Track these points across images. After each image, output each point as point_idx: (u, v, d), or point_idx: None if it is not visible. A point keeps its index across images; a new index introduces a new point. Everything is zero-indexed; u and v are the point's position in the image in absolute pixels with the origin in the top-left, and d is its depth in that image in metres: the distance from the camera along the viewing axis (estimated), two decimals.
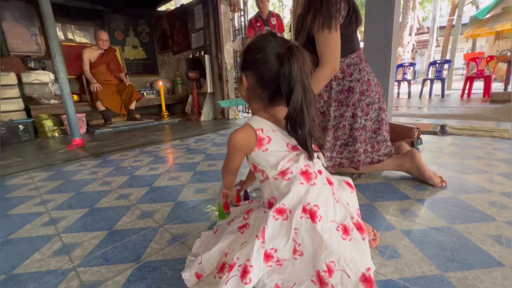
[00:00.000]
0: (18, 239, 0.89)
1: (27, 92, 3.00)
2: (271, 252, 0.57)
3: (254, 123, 0.65)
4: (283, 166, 0.63)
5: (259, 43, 0.63)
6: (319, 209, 0.59)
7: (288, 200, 0.60)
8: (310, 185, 0.61)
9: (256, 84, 0.64)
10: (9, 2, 3.34)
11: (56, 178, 1.50)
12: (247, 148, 0.65)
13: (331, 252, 0.54)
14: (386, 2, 1.91)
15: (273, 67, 0.60)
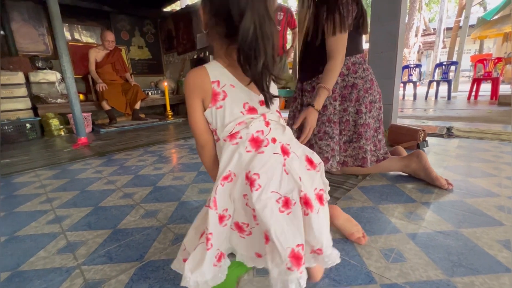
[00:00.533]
0: (24, 236, 0.90)
1: (34, 92, 3.05)
2: (223, 213, 0.57)
3: (211, 71, 0.57)
4: (234, 129, 0.57)
5: None
6: (259, 178, 0.54)
7: (232, 166, 0.57)
8: (258, 153, 0.57)
9: (210, 16, 0.55)
10: (18, 2, 3.40)
11: (62, 177, 1.51)
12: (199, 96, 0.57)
13: (260, 222, 0.53)
14: (392, 2, 1.89)
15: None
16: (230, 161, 0.57)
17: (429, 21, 16.02)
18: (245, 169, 0.56)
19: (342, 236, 0.81)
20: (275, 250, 0.52)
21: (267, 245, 0.53)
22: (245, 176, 0.55)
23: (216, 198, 0.55)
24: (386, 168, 1.24)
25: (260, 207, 0.52)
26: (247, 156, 0.57)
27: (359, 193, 1.11)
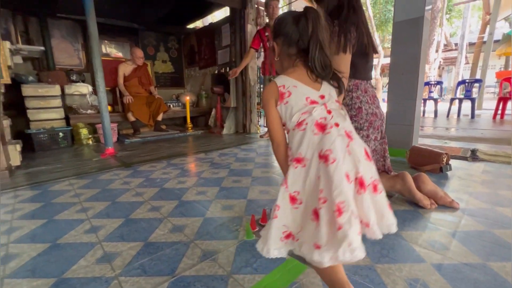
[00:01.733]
0: (65, 244, 0.98)
1: (67, 103, 3.28)
2: (294, 194, 0.65)
3: (278, 80, 0.74)
4: (300, 118, 0.69)
5: (281, 16, 0.79)
6: (332, 153, 0.62)
7: (303, 149, 0.66)
8: (325, 134, 0.65)
9: (285, 45, 0.77)
10: (59, 21, 3.72)
11: (93, 186, 1.62)
12: (273, 100, 0.73)
13: (340, 192, 0.58)
14: (414, 25, 1.92)
15: (294, 27, 0.73)
16: (300, 144, 0.67)
17: (450, 36, 15.72)
18: (316, 149, 0.64)
19: (366, 263, 0.82)
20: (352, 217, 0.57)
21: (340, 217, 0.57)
22: (317, 155, 0.63)
23: (288, 179, 0.65)
24: None
25: (338, 178, 0.59)
26: (316, 138, 0.66)
27: None
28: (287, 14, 0.79)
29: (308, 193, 0.65)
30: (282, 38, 0.78)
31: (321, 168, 0.63)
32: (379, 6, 14.43)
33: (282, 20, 0.78)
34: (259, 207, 1.26)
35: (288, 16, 0.77)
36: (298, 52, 0.76)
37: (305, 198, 0.65)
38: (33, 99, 2.89)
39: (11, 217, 1.22)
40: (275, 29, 0.81)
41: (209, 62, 4.41)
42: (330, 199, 0.60)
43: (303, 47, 0.74)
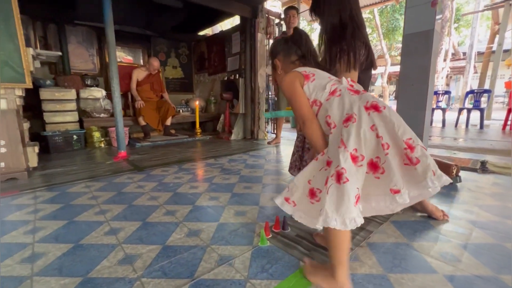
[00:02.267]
0: (87, 245, 1.03)
1: (82, 106, 3.38)
2: (354, 152, 0.64)
3: (297, 69, 0.86)
4: (331, 88, 0.77)
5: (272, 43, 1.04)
6: (379, 102, 0.69)
7: (347, 107, 0.70)
8: (361, 94, 0.74)
9: (285, 56, 0.95)
10: (75, 27, 3.86)
11: (109, 189, 1.67)
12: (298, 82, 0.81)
13: (404, 130, 0.64)
14: (424, 38, 1.95)
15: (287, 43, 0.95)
16: (343, 106, 0.71)
17: (458, 45, 15.64)
18: (361, 104, 0.70)
19: (378, 272, 0.85)
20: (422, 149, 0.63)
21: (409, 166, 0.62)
22: (364, 108, 0.68)
23: (343, 139, 0.66)
24: None
25: (396, 118, 0.66)
26: (355, 97, 0.72)
27: (391, 228, 1.14)
28: (276, 39, 1.03)
29: (366, 146, 0.66)
30: (281, 54, 0.96)
31: (374, 116, 0.67)
32: (386, 15, 14.50)
33: (276, 44, 1.00)
34: (271, 214, 1.29)
35: (279, 40, 0.99)
36: (298, 58, 0.94)
37: (365, 153, 0.65)
38: (50, 103, 2.99)
39: (34, 217, 1.28)
40: (272, 52, 0.99)
41: (218, 68, 4.49)
42: (395, 141, 0.64)
43: (300, 54, 0.93)
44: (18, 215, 1.30)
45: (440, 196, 1.50)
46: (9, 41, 1.85)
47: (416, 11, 1.99)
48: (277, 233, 1.10)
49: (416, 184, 0.61)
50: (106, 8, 2.35)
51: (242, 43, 3.83)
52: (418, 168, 0.60)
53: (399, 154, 0.62)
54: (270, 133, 4.12)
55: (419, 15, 1.97)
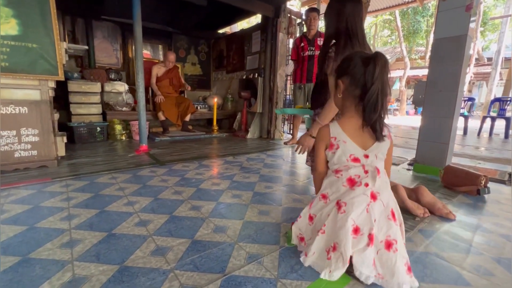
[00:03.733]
0: (120, 234, 1.07)
1: (105, 99, 3.49)
2: (312, 216, 0.95)
3: (332, 129, 0.91)
4: (339, 167, 0.91)
5: (350, 55, 0.90)
6: (345, 206, 0.84)
7: (330, 191, 0.91)
8: (351, 189, 0.87)
9: (350, 84, 0.88)
10: (102, 22, 3.98)
11: (134, 182, 1.72)
12: (324, 144, 0.94)
13: (338, 235, 0.81)
14: (456, 43, 1.89)
15: (362, 69, 0.84)
16: (330, 186, 0.92)
17: (483, 50, 15.01)
18: (338, 197, 0.88)
19: None
20: (340, 258, 0.81)
21: (333, 253, 0.83)
22: (336, 202, 0.88)
23: (312, 204, 0.96)
24: None
25: (339, 225, 0.83)
26: (343, 189, 0.88)
27: (419, 237, 1.12)
28: (356, 54, 0.88)
29: (317, 219, 0.92)
30: (349, 79, 0.88)
31: (332, 211, 0.87)
32: (408, 17, 14.10)
33: (352, 60, 0.87)
34: (295, 214, 1.30)
35: (357, 58, 0.86)
36: (361, 94, 0.85)
37: (315, 222, 0.93)
38: (77, 95, 3.11)
39: (67, 204, 1.34)
40: (343, 66, 0.90)
41: (237, 67, 4.52)
42: (329, 235, 0.86)
43: (365, 90, 0.84)
44: (53, 202, 1.37)
45: (468, 207, 1.46)
46: (45, 35, 1.93)
47: (448, 15, 1.93)
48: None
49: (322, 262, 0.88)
50: (135, 5, 2.41)
51: (263, 42, 3.83)
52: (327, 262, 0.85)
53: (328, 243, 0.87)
54: (286, 134, 4.11)
55: (451, 19, 1.92)
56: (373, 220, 0.81)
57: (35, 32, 1.88)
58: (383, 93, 0.82)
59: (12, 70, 1.81)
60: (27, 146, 1.91)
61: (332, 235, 0.84)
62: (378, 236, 0.82)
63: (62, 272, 0.83)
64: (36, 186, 1.58)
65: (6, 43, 1.79)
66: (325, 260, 0.84)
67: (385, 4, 5.80)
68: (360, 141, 0.89)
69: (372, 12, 6.33)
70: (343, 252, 0.80)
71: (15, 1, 1.78)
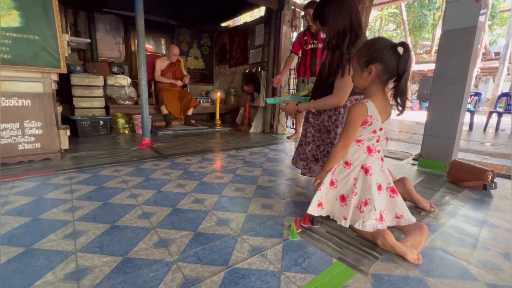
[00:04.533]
0: (123, 226, 1.07)
1: (108, 93, 3.48)
2: (334, 181, 1.08)
3: (370, 108, 0.99)
4: (361, 137, 1.05)
5: (378, 42, 0.97)
6: (371, 169, 1.02)
7: (354, 158, 1.06)
8: (370, 155, 1.05)
9: (382, 70, 0.95)
10: (104, 15, 3.95)
11: (138, 174, 1.72)
12: (361, 121, 1.00)
13: (370, 193, 0.99)
14: (465, 35, 1.84)
15: (394, 57, 0.93)
16: (353, 154, 1.06)
17: (490, 44, 14.72)
18: (362, 161, 1.05)
19: (415, 275, 0.83)
20: (372, 210, 0.97)
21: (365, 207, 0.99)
22: (361, 166, 1.04)
23: (335, 169, 1.08)
24: None
25: (370, 184, 1.00)
26: (363, 155, 1.05)
27: None
28: (384, 40, 0.97)
29: (342, 184, 1.06)
30: (382, 66, 0.95)
31: (360, 175, 1.03)
32: (414, 11, 13.84)
33: (383, 48, 0.94)
34: (298, 208, 1.29)
35: (387, 45, 0.94)
36: (387, 79, 0.97)
37: (340, 186, 1.07)
38: (79, 88, 3.10)
39: (71, 196, 1.34)
40: (372, 52, 0.96)
41: (240, 60, 4.48)
42: (360, 194, 1.02)
43: (398, 77, 0.95)
44: (57, 193, 1.37)
45: (474, 202, 1.44)
46: (47, 27, 1.92)
47: (457, 6, 1.88)
48: (307, 228, 1.10)
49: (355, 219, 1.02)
50: None
51: (266, 35, 3.78)
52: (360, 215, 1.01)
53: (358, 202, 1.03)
54: (289, 128, 4.09)
55: (461, 10, 1.87)
56: (388, 175, 1.06)
57: (37, 24, 1.86)
58: (407, 79, 0.96)
59: (15, 62, 1.80)
60: (30, 139, 1.91)
61: (362, 193, 1.01)
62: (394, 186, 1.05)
63: (66, 263, 0.83)
64: (40, 178, 1.59)
65: (8, 35, 1.77)
66: (359, 214, 1.00)
67: None
68: (383, 117, 1.02)
69: (377, 5, 6.21)
70: (375, 205, 0.97)
71: None
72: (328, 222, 1.15)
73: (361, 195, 1.01)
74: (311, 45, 2.88)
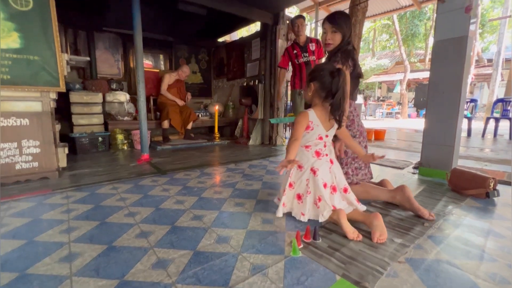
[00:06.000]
0: (120, 247, 1.04)
1: (107, 109, 3.50)
2: (292, 182, 1.30)
3: (311, 115, 1.25)
4: (308, 143, 1.28)
5: (321, 66, 1.26)
6: (318, 171, 1.23)
7: (304, 161, 1.27)
8: (318, 159, 1.26)
9: (320, 88, 1.23)
10: (103, 34, 4.03)
11: (136, 191, 1.70)
12: (304, 124, 1.24)
13: (321, 191, 1.21)
14: (457, 44, 1.88)
15: (329, 78, 1.19)
16: (302, 158, 1.28)
17: (482, 51, 15.02)
18: (311, 165, 1.25)
19: None
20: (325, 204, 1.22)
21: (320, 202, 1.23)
22: (310, 169, 1.25)
23: (292, 173, 1.30)
24: (375, 196, 1.49)
25: (319, 183, 1.21)
26: (312, 159, 1.27)
27: (429, 243, 1.08)
28: (325, 66, 1.24)
29: (298, 185, 1.29)
30: (318, 84, 1.23)
31: (310, 176, 1.24)
32: (406, 21, 14.21)
33: (322, 70, 1.22)
34: (299, 222, 1.27)
35: (326, 69, 1.21)
36: (326, 96, 1.22)
37: (296, 187, 1.29)
38: (78, 106, 3.12)
39: (67, 216, 1.32)
40: (314, 73, 1.24)
41: (237, 74, 4.54)
42: (313, 193, 1.24)
43: (330, 96, 1.19)
44: (53, 214, 1.35)
45: (478, 211, 1.42)
46: (47, 48, 1.95)
47: (448, 17, 1.93)
48: (309, 243, 1.07)
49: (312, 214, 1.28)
50: (135, 16, 2.44)
51: (262, 49, 3.85)
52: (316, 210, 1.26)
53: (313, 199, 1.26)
54: (288, 140, 4.09)
55: (451, 21, 1.91)
56: (334, 177, 1.29)
57: (36, 45, 1.90)
58: (343, 98, 1.19)
59: (14, 82, 1.82)
60: (28, 158, 1.90)
61: (315, 192, 1.23)
62: (340, 186, 1.30)
63: None
64: (36, 198, 1.56)
65: (8, 56, 1.80)
66: (316, 209, 1.24)
67: (383, 9, 5.84)
68: (325, 125, 1.26)
69: (370, 17, 6.38)
70: (326, 200, 1.21)
71: (17, 15, 1.80)
72: (330, 236, 1.13)
73: (314, 193, 1.23)
74: (302, 58, 2.89)
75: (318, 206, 1.22)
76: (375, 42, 19.48)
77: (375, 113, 12.77)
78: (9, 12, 1.78)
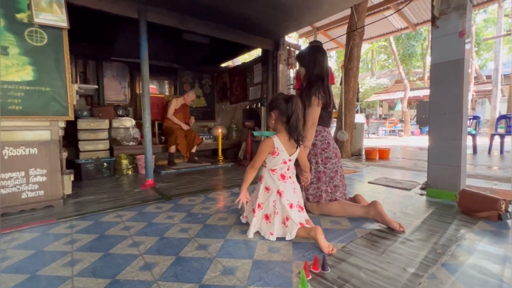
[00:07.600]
0: (124, 281, 1.01)
1: (113, 135, 3.57)
2: (261, 203, 1.41)
3: (276, 142, 1.36)
4: (274, 167, 1.39)
5: (276, 96, 1.40)
6: (284, 192, 1.36)
7: (271, 184, 1.39)
8: (283, 181, 1.38)
9: (279, 115, 1.36)
10: (111, 63, 4.22)
11: (140, 219, 1.69)
12: (268, 151, 1.36)
13: (287, 212, 1.32)
14: (453, 67, 1.93)
15: (284, 105, 1.34)
16: (269, 182, 1.40)
17: (480, 68, 15.30)
18: (277, 187, 1.37)
19: None
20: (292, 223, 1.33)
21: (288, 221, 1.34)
22: (276, 191, 1.37)
23: (260, 194, 1.41)
24: (352, 212, 1.61)
25: (286, 204, 1.34)
26: (278, 182, 1.38)
27: (444, 273, 1.04)
28: (279, 96, 1.39)
29: (265, 206, 1.39)
30: (277, 111, 1.36)
31: (277, 198, 1.36)
32: (402, 42, 14.69)
33: (277, 100, 1.37)
34: (306, 250, 1.23)
35: (280, 98, 1.37)
36: (286, 120, 1.33)
37: (264, 208, 1.39)
38: (85, 132, 3.19)
39: (71, 248, 1.30)
40: (272, 104, 1.39)
41: (240, 97, 4.65)
42: (281, 213, 1.35)
43: (288, 120, 1.33)
44: (57, 245, 1.33)
45: (491, 235, 1.37)
46: (58, 79, 2.04)
47: (442, 41, 2.00)
48: (317, 274, 1.04)
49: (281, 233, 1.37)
50: (142, 47, 2.57)
51: (264, 73, 3.98)
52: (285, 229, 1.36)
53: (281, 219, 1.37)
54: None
55: (446, 45, 1.98)
56: (299, 196, 1.44)
57: (48, 77, 1.98)
58: (299, 119, 1.33)
59: (25, 113, 1.88)
60: (34, 186, 1.92)
61: (282, 212, 1.34)
62: (302, 205, 1.44)
63: None
64: (40, 228, 1.56)
65: (21, 88, 1.88)
66: (284, 228, 1.34)
67: (379, 32, 6.08)
68: (288, 150, 1.37)
69: (367, 40, 6.61)
70: (293, 219, 1.32)
71: (32, 50, 1.91)
72: (339, 266, 1.09)
73: (282, 213, 1.34)
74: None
75: (286, 225, 1.31)
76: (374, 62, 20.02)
77: (378, 131, 12.79)
78: (24, 47, 1.89)
